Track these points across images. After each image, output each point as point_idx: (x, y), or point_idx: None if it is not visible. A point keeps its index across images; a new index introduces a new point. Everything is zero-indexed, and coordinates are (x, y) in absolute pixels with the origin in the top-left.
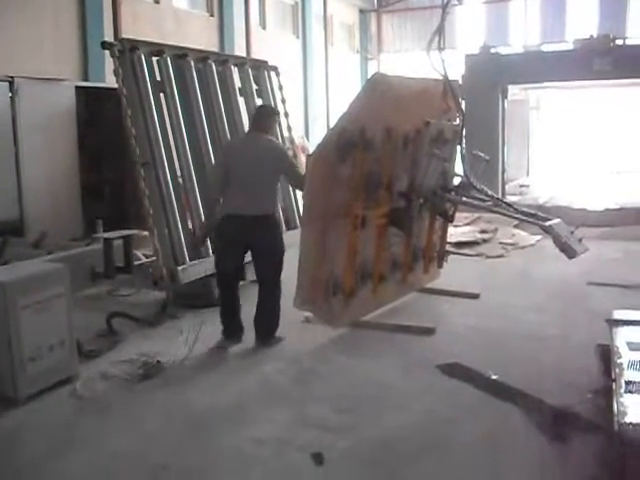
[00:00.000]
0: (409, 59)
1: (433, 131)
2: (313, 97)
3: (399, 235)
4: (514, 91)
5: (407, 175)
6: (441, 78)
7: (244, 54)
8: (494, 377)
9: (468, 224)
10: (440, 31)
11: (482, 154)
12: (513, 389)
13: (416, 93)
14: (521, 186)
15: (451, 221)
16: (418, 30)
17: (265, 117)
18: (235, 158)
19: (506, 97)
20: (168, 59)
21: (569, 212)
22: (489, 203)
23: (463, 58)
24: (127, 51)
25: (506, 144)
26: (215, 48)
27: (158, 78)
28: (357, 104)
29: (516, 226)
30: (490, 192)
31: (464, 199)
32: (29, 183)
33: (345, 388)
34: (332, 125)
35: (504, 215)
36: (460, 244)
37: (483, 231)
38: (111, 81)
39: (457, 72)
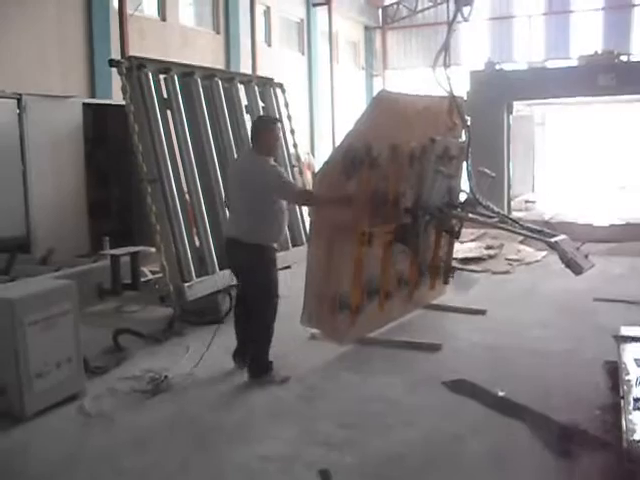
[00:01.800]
0: (414, 76)
1: (439, 148)
2: (319, 114)
3: (405, 252)
4: (519, 107)
5: (413, 192)
6: (446, 95)
7: (250, 71)
8: (500, 394)
9: (474, 240)
10: (446, 48)
11: (488, 171)
12: (520, 405)
13: (421, 110)
14: (526, 202)
15: (457, 237)
16: (423, 46)
17: (255, 133)
18: (227, 178)
19: (511, 113)
20: (175, 77)
21: (575, 228)
22: (495, 219)
23: (468, 74)
24: (134, 69)
25: (511, 160)
26: (221, 65)
27: (165, 95)
28: (363, 121)
29: (522, 242)
30: (496, 208)
31: (470, 215)
32: (36, 199)
33: (351, 404)
34: (338, 142)
35: (510, 231)
36: (466, 260)
37: (489, 247)
38: (118, 98)
39: (462, 88)
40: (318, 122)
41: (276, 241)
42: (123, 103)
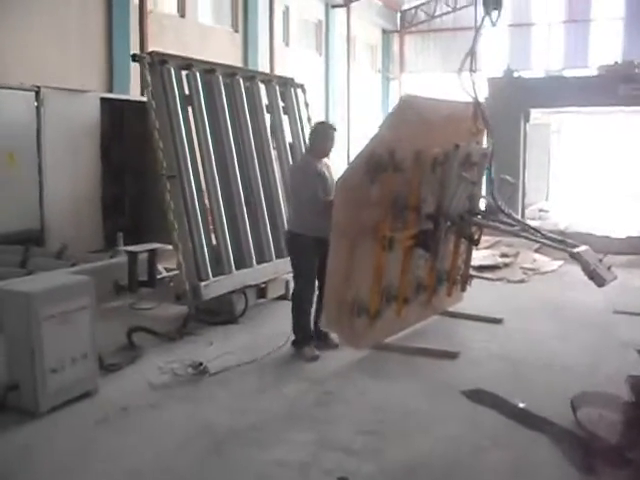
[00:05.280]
0: (430, 79)
1: (462, 154)
2: (335, 115)
3: (424, 257)
4: (536, 115)
5: (435, 198)
6: (470, 100)
7: (267, 70)
8: (521, 405)
9: (488, 247)
10: (472, 53)
11: (509, 178)
12: (541, 418)
13: (445, 116)
14: (540, 210)
15: (476, 245)
16: (441, 51)
17: (310, 138)
18: None
19: (528, 121)
20: (197, 73)
21: (591, 239)
22: (517, 228)
23: (486, 81)
24: (157, 64)
25: (527, 168)
26: (239, 63)
27: (187, 92)
28: (387, 126)
29: (537, 250)
30: (517, 217)
31: (491, 223)
32: (51, 193)
33: (368, 411)
34: (352, 144)
35: (533, 241)
36: (481, 268)
37: (504, 255)
38: (136, 93)
39: (481, 94)
40: (334, 123)
41: (317, 232)
42: (140, 99)
